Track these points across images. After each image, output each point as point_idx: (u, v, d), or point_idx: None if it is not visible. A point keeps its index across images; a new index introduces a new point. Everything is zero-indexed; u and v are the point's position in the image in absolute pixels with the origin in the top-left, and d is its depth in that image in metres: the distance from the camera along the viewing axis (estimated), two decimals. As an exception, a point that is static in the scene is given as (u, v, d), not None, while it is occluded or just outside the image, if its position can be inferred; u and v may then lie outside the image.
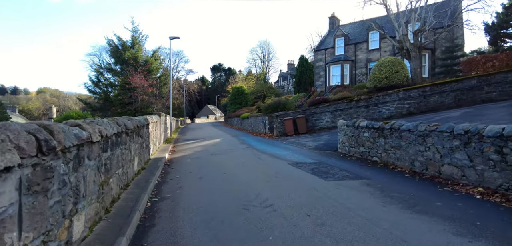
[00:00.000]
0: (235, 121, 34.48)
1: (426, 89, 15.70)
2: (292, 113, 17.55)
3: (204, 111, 76.80)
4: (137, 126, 7.25)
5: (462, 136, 5.67)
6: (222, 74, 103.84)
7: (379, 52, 28.43)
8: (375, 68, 17.30)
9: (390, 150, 7.86)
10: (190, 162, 9.60)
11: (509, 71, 14.40)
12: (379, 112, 16.37)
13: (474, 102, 14.84)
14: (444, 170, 6.09)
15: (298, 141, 14.05)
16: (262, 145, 13.43)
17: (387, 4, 19.00)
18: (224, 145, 14.18)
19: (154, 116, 12.09)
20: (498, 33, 21.18)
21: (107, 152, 4.43)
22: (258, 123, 22.39)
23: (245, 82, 57.96)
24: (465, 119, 9.78)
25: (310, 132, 16.86)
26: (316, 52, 33.94)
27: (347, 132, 9.99)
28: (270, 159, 9.24)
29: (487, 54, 15.52)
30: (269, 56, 70.35)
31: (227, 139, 17.60)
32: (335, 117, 16.98)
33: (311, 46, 54.96)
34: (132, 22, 40.82)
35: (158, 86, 43.83)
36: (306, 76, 37.23)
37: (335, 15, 36.12)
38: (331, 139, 12.97)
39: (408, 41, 18.76)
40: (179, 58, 77.67)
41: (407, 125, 7.25)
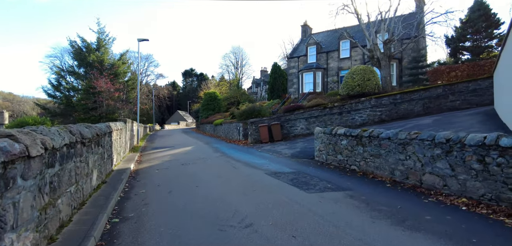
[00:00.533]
0: (207, 128, 33.56)
1: (396, 97, 16.14)
2: (267, 120, 17.21)
3: (175, 118, 74.49)
4: (97, 134, 6.40)
5: (444, 144, 5.57)
6: (194, 80, 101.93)
7: (349, 60, 29.20)
8: (347, 76, 17.55)
9: (369, 158, 7.70)
10: (158, 173, 8.79)
11: (470, 81, 15.22)
12: (352, 120, 16.55)
13: (441, 110, 15.49)
14: (426, 179, 5.97)
15: (274, 148, 13.69)
16: (237, 153, 12.88)
17: (359, 13, 19.47)
18: (196, 153, 13.42)
19: (118, 123, 11.08)
20: (457, 46, 22.62)
21: (55, 167, 3.66)
22: (232, 130, 21.80)
23: (217, 88, 57.14)
24: (437, 126, 9.99)
25: (285, 139, 16.60)
26: (289, 59, 34.19)
27: (324, 139, 9.77)
28: (246, 169, 8.72)
29: (450, 65, 16.42)
30: (242, 63, 70.05)
31: (199, 147, 16.81)
32: (310, 124, 16.92)
33: (284, 54, 55.58)
34: (98, 23, 38.49)
35: (125, 91, 41.59)
36: (279, 83, 37.33)
37: (307, 24, 36.75)
38: (307, 146, 12.76)
39: (378, 50, 19.32)
40: (149, 62, 74.90)
41: (387, 132, 7.12)
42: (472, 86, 15.18)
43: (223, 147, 16.02)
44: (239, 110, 20.77)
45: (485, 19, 21.12)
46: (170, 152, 14.80)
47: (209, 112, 38.03)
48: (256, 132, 17.14)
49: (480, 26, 21.13)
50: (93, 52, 38.19)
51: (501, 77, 8.34)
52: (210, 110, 38.28)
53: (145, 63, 73.86)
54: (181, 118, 74.27)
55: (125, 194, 6.39)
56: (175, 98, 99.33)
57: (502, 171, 4.59)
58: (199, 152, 14.16)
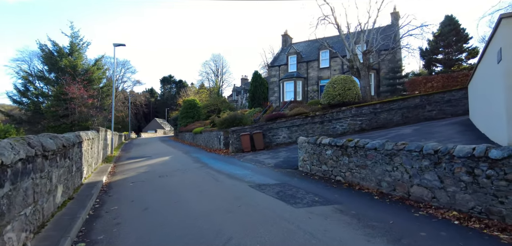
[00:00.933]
0: (186, 136, 32.67)
1: (376, 107, 16.39)
2: (248, 129, 16.87)
3: (152, 125, 72.33)
4: (63, 145, 5.76)
5: (432, 156, 5.49)
6: (172, 87, 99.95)
7: (329, 70, 29.68)
8: (328, 85, 17.66)
9: (354, 169, 7.54)
10: (133, 186, 8.15)
11: (445, 92, 15.78)
12: (333, 129, 16.60)
13: (418, 119, 15.89)
14: (414, 191, 5.85)
15: (256, 158, 13.34)
16: (218, 163, 12.40)
17: (339, 24, 19.79)
18: (174, 164, 12.79)
19: (90, 132, 10.31)
20: (430, 58, 23.63)
21: (4, 188, 3.08)
22: (212, 138, 21.24)
23: (197, 95, 56.24)
24: (418, 136, 10.10)
25: (267, 147, 16.32)
26: (270, 68, 34.24)
27: (308, 149, 9.57)
28: (229, 181, 8.29)
29: (427, 76, 17.02)
30: (223, 70, 69.65)
31: (178, 156, 16.13)
32: (292, 133, 16.77)
33: (265, 62, 55.82)
34: (72, 27, 36.61)
35: (100, 97, 39.75)
36: (260, 92, 37.22)
37: (287, 33, 37.10)
38: (290, 155, 12.53)
39: (357, 60, 19.67)
40: (125, 68, 72.63)
41: (373, 143, 7.00)
42: (447, 97, 15.72)
43: (203, 157, 15.45)
44: (220, 118, 20.28)
45: (455, 33, 22.24)
46: (147, 162, 14.03)
47: (188, 120, 37.12)
48: (238, 141, 16.74)
49: (451, 40, 22.21)
50: (66, 56, 36.25)
51: (479, 90, 8.57)
52: (190, 118, 37.39)
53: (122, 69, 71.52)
54: (159, 126, 72.22)
55: (94, 211, 5.76)
56: (153, 106, 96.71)
57: (492, 184, 4.52)
58: (178, 162, 13.52)
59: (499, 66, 5.64)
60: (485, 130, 7.99)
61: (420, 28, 17.48)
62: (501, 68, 5.50)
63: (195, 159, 14.64)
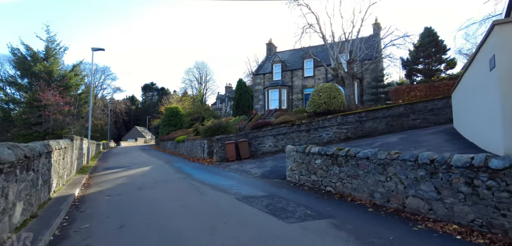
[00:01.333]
0: (168, 145, 31.66)
1: (361, 115, 16.40)
2: (234, 137, 16.39)
3: (132, 134, 70.12)
4: (25, 156, 5.09)
5: (428, 165, 5.26)
6: (154, 94, 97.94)
7: (313, 79, 29.85)
8: (314, 93, 17.56)
9: (345, 179, 7.25)
10: (108, 200, 7.46)
11: (428, 101, 16.04)
12: (319, 137, 16.44)
13: (403, 128, 16.02)
14: (409, 203, 5.60)
15: (242, 167, 12.86)
16: (202, 174, 11.81)
17: (323, 33, 19.88)
18: (155, 175, 12.07)
19: (62, 141, 9.50)
20: (411, 68, 24.25)
21: None
22: (195, 147, 20.56)
23: (180, 103, 55.11)
24: (405, 145, 10.02)
25: (253, 156, 15.88)
26: (254, 76, 34.06)
27: (296, 158, 9.23)
28: (214, 193, 7.76)
29: (410, 85, 17.34)
30: (206, 78, 68.98)
31: (159, 166, 15.36)
32: (278, 141, 16.46)
33: (249, 71, 55.73)
34: (48, 31, 34.86)
35: (77, 104, 37.96)
36: (245, 100, 36.87)
37: (272, 42, 37.22)
38: (277, 164, 12.15)
39: (342, 69, 19.78)
40: (106, 75, 70.46)
41: (365, 152, 6.74)
42: (429, 106, 15.97)
43: (186, 167, 14.78)
44: (204, 126, 19.69)
45: (435, 45, 22.97)
46: (125, 173, 13.21)
47: (170, 128, 36.12)
48: (222, 150, 16.21)
49: (430, 51, 22.90)
50: (40, 61, 34.41)
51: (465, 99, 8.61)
52: (172, 126, 36.41)
53: (102, 76, 69.33)
54: (139, 134, 70.11)
55: (61, 231, 5.10)
56: (133, 114, 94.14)
57: (493, 195, 4.31)
58: (159, 172, 12.80)
59: (492, 74, 5.56)
60: (474, 139, 7.97)
61: (402, 38, 17.84)
62: (495, 75, 5.41)
63: (177, 169, 13.97)
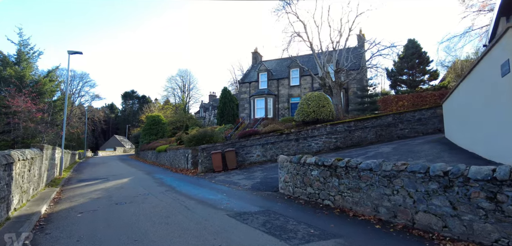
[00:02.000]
0: (149, 155, 30.29)
1: (350, 125, 16.17)
2: (220, 146, 15.64)
3: (111, 143, 67.34)
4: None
5: (441, 178, 4.83)
6: (134, 102, 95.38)
7: (299, 88, 29.70)
8: (303, 102, 17.20)
9: (346, 192, 6.74)
10: (80, 219, 6.53)
11: (415, 111, 16.08)
12: (308, 146, 16.02)
13: (391, 138, 15.91)
14: (419, 219, 5.13)
15: (230, 178, 12.13)
16: (187, 186, 10.97)
17: (311, 40, 19.71)
18: (135, 187, 11.10)
19: (28, 151, 8.45)
20: (396, 79, 24.60)
21: None
22: (178, 157, 19.57)
23: (162, 111, 53.58)
24: (400, 155, 9.72)
25: (240, 167, 15.18)
26: (240, 84, 33.53)
27: (290, 169, 8.66)
28: (202, 209, 7.00)
29: (398, 95, 17.41)
30: (190, 86, 67.75)
31: (139, 178, 14.32)
32: (266, 151, 15.87)
33: (234, 79, 55.25)
34: (20, 34, 32.76)
35: (51, 112, 35.72)
36: (230, 108, 36.18)
37: (257, 51, 36.95)
38: (267, 175, 11.53)
39: (330, 78, 19.63)
40: (84, 82, 67.48)
41: (368, 163, 6.27)
42: (417, 115, 16.00)
43: (168, 178, 13.85)
44: (188, 135, 18.79)
45: (418, 56, 23.45)
46: (102, 185, 12.12)
47: (151, 137, 34.71)
48: (208, 160, 15.41)
49: (414, 62, 23.34)
50: (11, 66, 32.14)
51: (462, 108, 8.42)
52: (153, 135, 35.01)
53: (79, 82, 66.39)
54: (119, 144, 67.41)
55: (19, 260, 4.20)
56: (113, 122, 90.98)
57: (521, 212, 3.90)
58: (139, 185, 11.82)
59: (504, 80, 5.28)
60: (474, 149, 7.74)
61: (389, 48, 17.94)
62: (509, 81, 5.10)
63: (159, 181, 13.01)
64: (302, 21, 19.38)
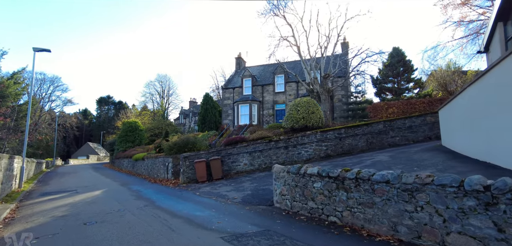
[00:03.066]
0: (125, 164, 28.34)
1: (341, 132, 15.58)
2: (204, 155, 14.48)
3: (84, 151, 63.56)
4: None
5: (481, 194, 4.08)
6: (110, 108, 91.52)
7: (284, 95, 29.10)
8: (292, 108, 16.45)
9: (356, 207, 5.90)
10: (36, 245, 5.21)
11: (406, 118, 15.79)
12: (298, 154, 15.23)
13: (382, 146, 15.47)
14: (453, 242, 4.35)
15: (216, 190, 11.01)
16: (169, 200, 9.74)
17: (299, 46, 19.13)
18: (108, 202, 9.71)
19: (-27, 160, 6.95)
20: (382, 87, 24.61)
21: None
22: (157, 166, 18.12)
23: (139, 117, 51.23)
24: (403, 164, 9.09)
25: (226, 176, 14.08)
26: (224, 90, 32.44)
27: (288, 180, 7.74)
28: (190, 230, 5.88)
29: (388, 101, 17.14)
30: (169, 92, 65.54)
31: (114, 190, 12.84)
32: (254, 159, 14.90)
33: (216, 85, 53.97)
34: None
35: (15, 117, 32.78)
36: (212, 115, 34.89)
37: (241, 56, 36.16)
38: (257, 187, 10.53)
39: (318, 84, 19.08)
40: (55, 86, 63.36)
41: (383, 174, 5.47)
42: (408, 123, 15.71)
43: (147, 190, 12.48)
44: (169, 142, 17.42)
45: (403, 64, 23.59)
46: (69, 199, 10.58)
47: (127, 144, 32.66)
48: (191, 169, 14.19)
49: (399, 70, 23.43)
50: (-33, 66, 29.20)
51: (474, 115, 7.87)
52: (129, 142, 32.98)
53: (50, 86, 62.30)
54: (92, 151, 63.73)
55: None
56: (86, 129, 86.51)
57: None
58: (114, 198, 10.42)
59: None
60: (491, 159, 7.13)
61: (378, 54, 17.69)
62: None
63: (137, 193, 11.64)
64: (290, 24, 18.79)
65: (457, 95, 9.06)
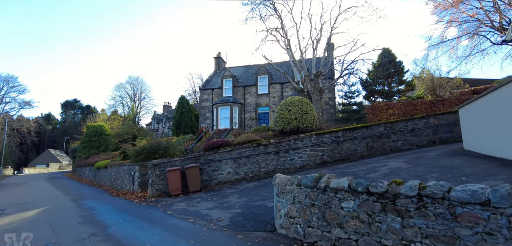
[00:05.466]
0: (86, 173, 24.76)
1: (338, 135, 13.66)
2: (179, 162, 11.89)
3: (44, 158, 57.52)
4: None
5: None
6: (77, 113, 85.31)
7: (268, 97, 27.05)
8: (282, 108, 14.30)
9: (421, 242, 3.75)
10: None
11: (408, 120, 14.21)
12: (290, 161, 13.07)
13: (384, 151, 13.74)
14: None
15: (194, 207, 8.51)
16: (129, 224, 7.11)
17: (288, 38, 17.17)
18: (41, 228, 6.89)
19: None
20: (372, 89, 23.29)
21: None
22: (122, 176, 15.19)
23: (108, 122, 46.98)
24: (427, 173, 7.14)
25: (206, 188, 11.58)
26: (202, 91, 29.79)
27: (299, 197, 5.48)
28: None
29: (388, 102, 15.59)
30: (141, 95, 61.32)
31: (57, 209, 9.89)
32: (239, 167, 12.52)
33: (192, 88, 50.90)
34: None
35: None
36: (187, 119, 31.96)
37: (220, 56, 33.76)
38: (247, 202, 8.17)
39: (309, 82, 17.18)
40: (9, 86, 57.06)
41: (472, 190, 3.37)
42: (410, 125, 14.13)
43: (103, 207, 9.69)
44: (136, 146, 14.56)
45: (394, 65, 22.43)
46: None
47: (91, 151, 28.94)
48: (162, 180, 11.55)
49: (390, 71, 22.22)
50: None
51: None
52: (94, 148, 29.27)
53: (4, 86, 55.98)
54: (53, 159, 57.82)
55: None
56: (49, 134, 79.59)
57: None
58: (52, 222, 7.58)
59: None
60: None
61: (373, 51, 16.10)
62: None
63: (88, 213, 8.83)
64: (279, 15, 16.78)
65: (492, 91, 7.36)
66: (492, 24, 19.69)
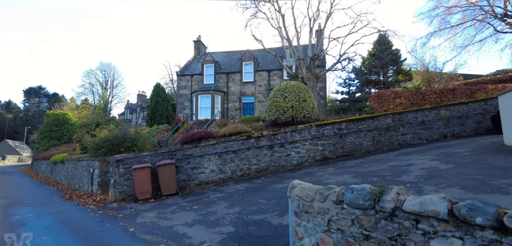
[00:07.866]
0: (43, 167, 21.44)
1: (342, 127, 11.72)
2: (148, 157, 9.42)
3: (1, 150, 51.85)
4: None
5: None
6: (42, 101, 78.89)
7: (253, 85, 24.77)
8: (277, 94, 12.11)
9: None
10: None
11: (417, 111, 12.59)
12: (286, 157, 10.97)
13: (392, 145, 12.00)
14: None
15: (167, 220, 6.17)
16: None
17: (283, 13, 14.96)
18: None
19: None
20: (367, 79, 21.70)
21: None
22: (80, 173, 12.44)
23: (76, 111, 42.76)
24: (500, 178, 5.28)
25: (183, 190, 9.21)
26: (179, 77, 26.92)
27: (341, 222, 3.30)
28: None
29: (395, 90, 13.87)
30: (114, 83, 56.85)
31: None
32: (225, 164, 10.24)
33: (169, 76, 47.42)
34: None
35: None
36: (163, 108, 28.94)
37: (201, 40, 30.92)
38: (241, 214, 5.95)
39: (304, 67, 15.11)
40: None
41: None
42: (420, 117, 12.49)
43: (39, 222, 7.07)
44: (96, 138, 11.79)
45: (390, 53, 20.93)
46: None
47: (52, 142, 25.43)
48: (127, 180, 9.05)
49: (388, 59, 20.69)
50: None
51: None
52: (55, 139, 25.77)
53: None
54: (12, 151, 52.30)
55: None
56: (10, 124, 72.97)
57: None
58: None
59: None
60: None
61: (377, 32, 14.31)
62: None
63: (20, 229, 6.21)
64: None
65: None
66: (493, 11, 18.56)
